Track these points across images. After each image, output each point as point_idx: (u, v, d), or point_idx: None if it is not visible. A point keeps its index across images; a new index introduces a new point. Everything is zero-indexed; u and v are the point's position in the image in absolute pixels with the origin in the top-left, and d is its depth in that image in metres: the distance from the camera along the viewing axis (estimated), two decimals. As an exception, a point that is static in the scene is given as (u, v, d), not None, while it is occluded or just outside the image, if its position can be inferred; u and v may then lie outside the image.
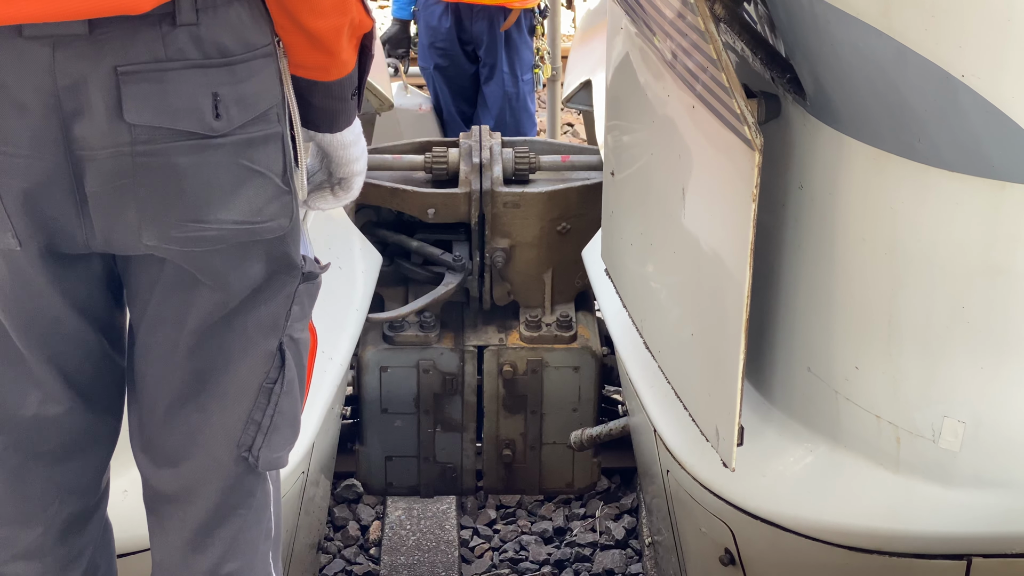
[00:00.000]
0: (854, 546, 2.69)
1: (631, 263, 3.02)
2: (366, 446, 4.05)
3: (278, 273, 2.22)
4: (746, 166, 2.34)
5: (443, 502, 4.71)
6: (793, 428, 2.73)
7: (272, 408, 2.26)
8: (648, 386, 3.10)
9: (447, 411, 4.00)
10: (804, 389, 2.68)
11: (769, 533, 2.78)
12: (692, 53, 2.41)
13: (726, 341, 2.53)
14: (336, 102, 2.24)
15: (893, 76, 2.20)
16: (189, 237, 2.10)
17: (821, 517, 2.70)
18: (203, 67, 2.01)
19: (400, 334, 3.91)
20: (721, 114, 2.39)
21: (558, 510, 4.75)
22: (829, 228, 2.48)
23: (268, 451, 2.29)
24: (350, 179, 2.37)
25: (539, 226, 3.95)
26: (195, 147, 2.03)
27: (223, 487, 2.29)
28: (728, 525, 2.87)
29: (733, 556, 2.92)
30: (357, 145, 2.34)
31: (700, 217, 2.58)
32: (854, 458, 2.65)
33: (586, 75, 4.39)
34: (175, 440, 2.28)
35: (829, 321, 2.56)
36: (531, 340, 3.97)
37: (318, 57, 2.16)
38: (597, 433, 3.84)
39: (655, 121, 2.76)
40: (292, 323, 2.26)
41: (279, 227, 2.17)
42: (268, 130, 2.10)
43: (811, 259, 2.55)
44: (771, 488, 2.75)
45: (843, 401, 2.60)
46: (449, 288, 3.87)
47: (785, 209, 2.58)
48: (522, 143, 4.09)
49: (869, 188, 2.38)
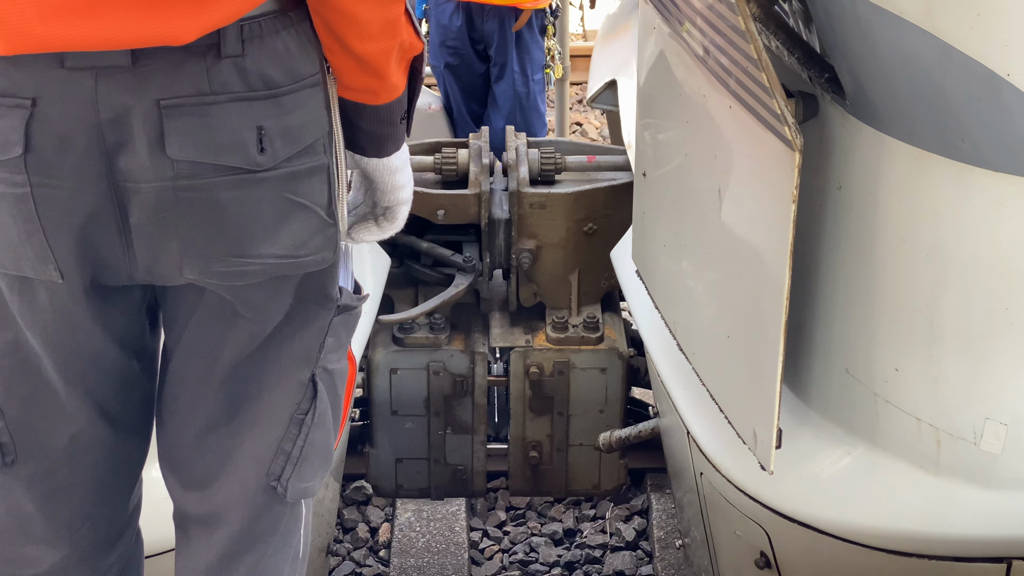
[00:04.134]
0: (892, 549, 2.67)
1: (664, 264, 3.00)
2: (376, 448, 4.04)
3: (312, 305, 2.19)
4: (786, 166, 2.32)
5: (452, 504, 4.68)
6: (830, 430, 2.71)
7: (303, 439, 2.24)
8: (681, 388, 3.07)
9: (457, 413, 3.98)
10: (842, 391, 2.66)
11: (806, 536, 2.76)
12: (730, 52, 2.39)
13: (764, 343, 2.51)
14: (385, 126, 2.20)
15: (937, 75, 2.18)
16: (231, 271, 2.07)
17: (859, 520, 2.68)
18: (248, 100, 1.96)
19: (410, 336, 3.90)
20: (760, 114, 2.37)
21: (568, 512, 4.73)
22: (869, 229, 2.46)
23: (297, 481, 2.26)
24: (395, 208, 2.32)
25: (565, 227, 3.92)
26: (239, 182, 1.99)
27: (250, 514, 2.27)
28: (764, 528, 2.84)
29: (768, 559, 2.90)
30: (404, 171, 2.30)
31: (737, 218, 2.56)
32: (893, 461, 2.63)
33: (611, 75, 4.37)
34: (205, 464, 2.26)
35: (868, 323, 2.54)
36: (558, 341, 3.95)
37: (367, 80, 2.11)
38: (626, 435, 3.82)
39: (690, 121, 2.74)
40: (326, 354, 2.24)
41: (323, 260, 2.14)
42: (314, 162, 2.06)
43: (850, 260, 2.53)
44: (808, 491, 2.72)
45: (882, 403, 2.58)
46: (459, 289, 3.85)
47: (823, 210, 2.56)
48: (547, 144, 4.07)
49: (910, 188, 2.36)
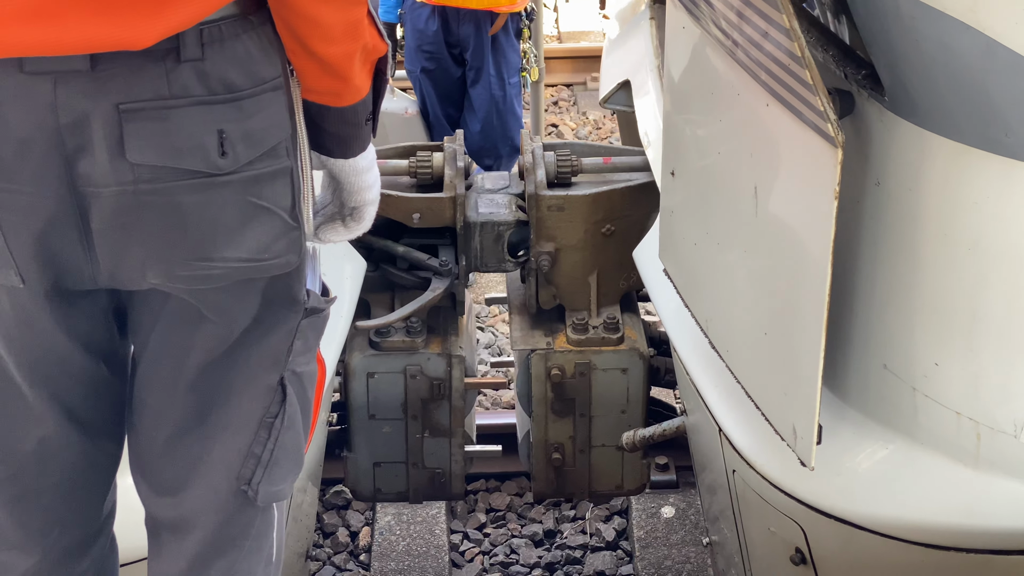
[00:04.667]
0: (932, 543, 2.67)
1: (695, 263, 3.00)
2: (354, 452, 4.03)
3: (279, 308, 2.20)
4: (828, 163, 2.32)
5: (432, 507, 4.72)
6: (868, 426, 2.72)
7: (273, 442, 2.25)
8: (712, 386, 3.08)
9: (435, 416, 3.98)
10: (880, 387, 2.67)
11: (843, 532, 2.77)
12: (769, 50, 2.40)
13: (803, 339, 2.52)
14: (350, 127, 2.20)
15: (980, 70, 2.19)
16: (195, 275, 2.07)
17: (898, 514, 2.69)
18: (209, 104, 1.97)
19: (387, 340, 3.90)
20: (799, 111, 2.38)
21: (548, 513, 4.76)
22: (908, 224, 2.47)
23: (268, 485, 2.27)
24: (362, 208, 2.33)
25: (584, 228, 3.93)
26: (200, 186, 1.99)
27: (221, 519, 2.28)
28: (800, 524, 2.85)
29: (804, 555, 2.91)
30: (371, 172, 2.30)
31: (775, 215, 2.57)
32: (932, 455, 2.64)
33: (624, 76, 4.38)
34: (174, 470, 2.26)
35: (907, 318, 2.55)
36: (578, 343, 3.96)
37: (331, 83, 2.12)
38: (650, 434, 3.83)
39: (723, 120, 2.74)
40: (295, 357, 2.24)
41: (288, 263, 2.15)
42: (277, 165, 2.06)
43: (888, 256, 2.54)
44: (846, 486, 2.73)
45: (921, 398, 2.59)
46: (436, 294, 3.85)
47: (860, 206, 2.57)
48: (563, 146, 4.08)
49: (951, 183, 2.37)
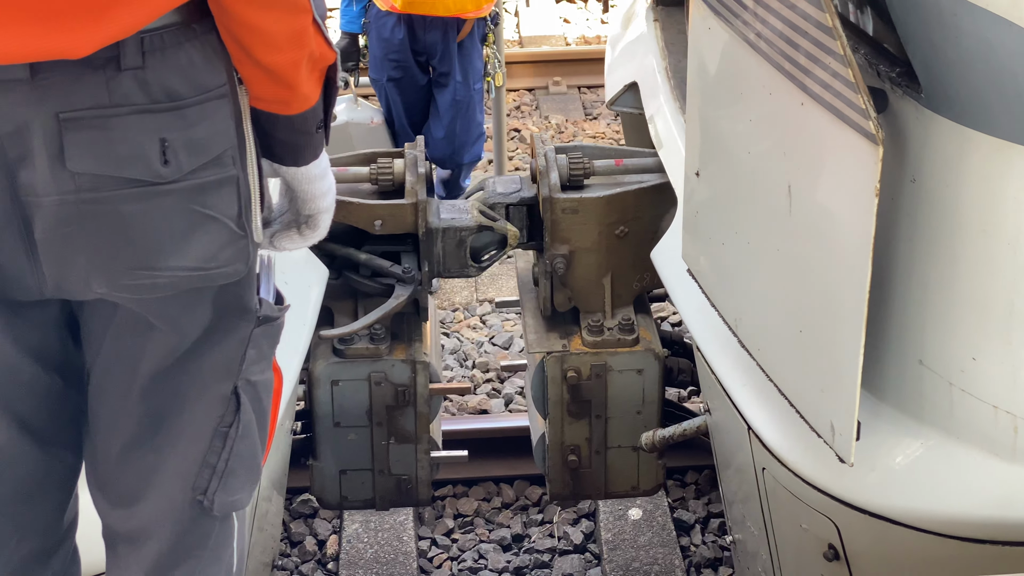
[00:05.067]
0: (967, 536, 2.70)
1: (723, 262, 3.02)
2: (320, 461, 4.00)
3: (230, 317, 2.19)
4: (868, 161, 2.35)
5: (400, 513, 4.71)
6: (902, 421, 2.74)
7: (228, 452, 2.25)
8: (740, 384, 3.10)
9: (400, 423, 3.96)
10: (915, 382, 2.69)
11: (877, 527, 2.78)
12: (806, 49, 2.42)
13: (842, 336, 2.54)
14: (300, 136, 2.20)
15: (1022, 66, 2.21)
16: (140, 285, 2.06)
17: (934, 508, 2.71)
18: (150, 112, 1.96)
19: (350, 347, 3.88)
20: (838, 109, 2.40)
21: (516, 517, 4.78)
22: (946, 220, 2.49)
23: (224, 494, 2.27)
24: (317, 216, 2.32)
25: (598, 231, 3.94)
26: (142, 194, 1.99)
27: (178, 530, 2.27)
28: (833, 520, 2.87)
29: (838, 551, 2.92)
30: (324, 180, 2.29)
31: (811, 213, 2.59)
32: (968, 449, 2.66)
33: (630, 78, 4.40)
34: (129, 481, 2.25)
35: (944, 313, 2.57)
36: (594, 345, 3.96)
37: (278, 91, 2.11)
38: (670, 434, 3.84)
39: (753, 120, 2.76)
40: (248, 366, 2.24)
41: (235, 272, 2.14)
42: (222, 174, 2.06)
43: (925, 252, 2.56)
44: (881, 481, 2.75)
45: (958, 392, 2.61)
46: (400, 301, 3.83)
47: (895, 203, 2.59)
48: (574, 148, 4.08)
49: (992, 179, 2.39)
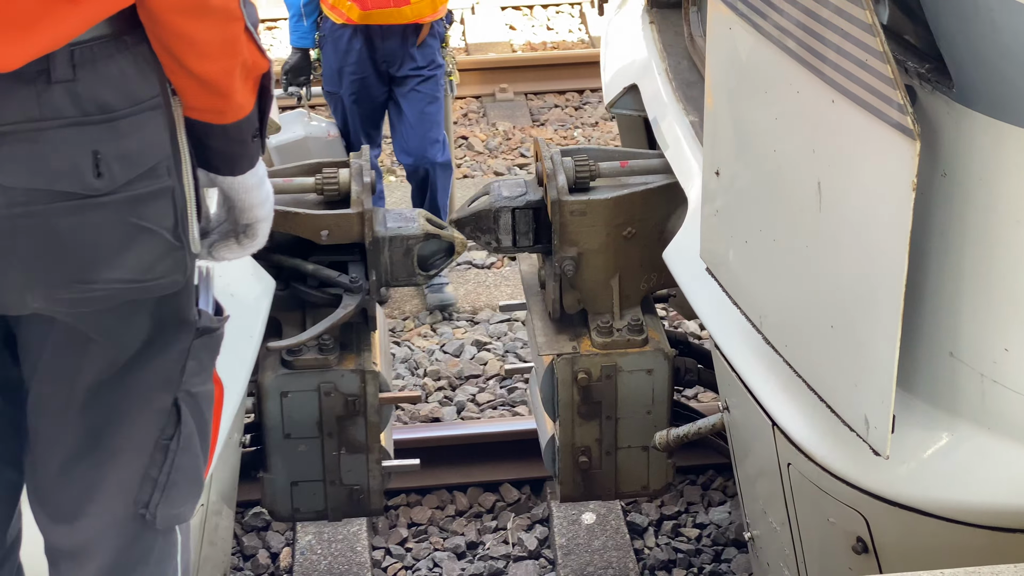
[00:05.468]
0: (999, 526, 2.73)
1: (746, 260, 3.04)
2: (270, 473, 4.01)
3: (169, 329, 2.19)
4: (905, 156, 2.37)
5: (353, 524, 4.73)
6: (932, 414, 2.77)
7: (169, 465, 2.24)
8: (763, 381, 3.12)
9: (351, 433, 3.97)
10: (946, 374, 2.71)
11: (907, 519, 2.81)
12: (839, 46, 2.45)
13: (876, 330, 2.56)
14: (235, 145, 2.20)
15: (1059, 60, 2.25)
16: (76, 298, 2.06)
17: (964, 499, 2.74)
18: (82, 125, 1.97)
19: (299, 358, 3.88)
20: (872, 106, 2.42)
21: (470, 524, 4.81)
22: (979, 212, 2.52)
23: (166, 507, 2.26)
24: (255, 225, 2.33)
25: (606, 232, 3.96)
26: (76, 208, 1.99)
27: (120, 545, 2.26)
28: (862, 514, 2.89)
29: (867, 544, 2.95)
30: (261, 189, 2.30)
31: (842, 209, 2.61)
32: (999, 439, 2.69)
33: (631, 80, 4.42)
34: (70, 496, 2.24)
35: (976, 305, 2.60)
36: (604, 346, 3.99)
37: (211, 100, 2.12)
38: (684, 433, 3.86)
39: (779, 118, 2.78)
40: (188, 378, 2.24)
41: (173, 283, 2.14)
42: (156, 185, 2.06)
43: (956, 244, 2.59)
44: (911, 474, 2.78)
45: (989, 383, 2.64)
46: (348, 311, 3.84)
47: (925, 197, 2.61)
48: (579, 151, 4.10)
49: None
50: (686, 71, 4.29)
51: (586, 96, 8.96)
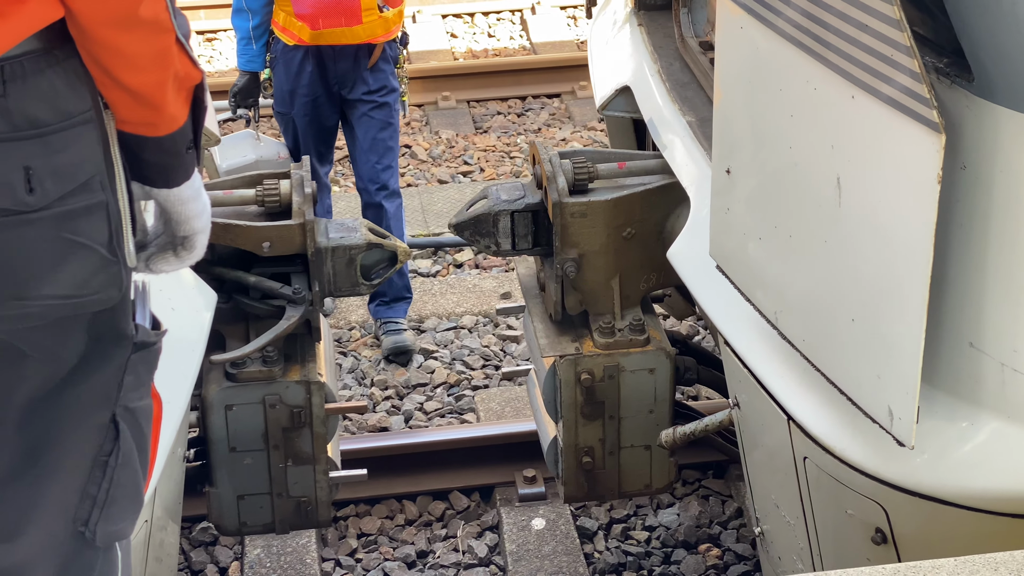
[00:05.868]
0: (1019, 513, 2.77)
1: (760, 257, 3.07)
2: (217, 487, 3.99)
3: (107, 344, 2.18)
4: (930, 149, 2.41)
5: (302, 536, 4.73)
6: (952, 404, 2.80)
7: (108, 481, 2.22)
8: (778, 376, 3.15)
9: (297, 444, 3.97)
10: (965, 364, 2.75)
11: (928, 508, 2.85)
12: (862, 42, 2.48)
13: (901, 321, 2.60)
14: (169, 157, 2.19)
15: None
16: (11, 315, 2.05)
17: (985, 487, 2.78)
18: (13, 140, 1.96)
19: (243, 371, 3.87)
20: (895, 100, 2.46)
21: (419, 533, 4.83)
22: (1000, 204, 2.56)
23: (106, 524, 2.24)
24: (193, 237, 2.32)
25: (606, 233, 3.99)
26: (8, 224, 1.98)
27: (60, 563, 2.23)
28: (882, 505, 2.93)
29: (886, 535, 2.98)
30: (197, 200, 2.28)
31: (864, 204, 2.64)
32: (1020, 427, 2.73)
33: (622, 82, 4.45)
34: (8, 515, 2.21)
35: (996, 294, 2.64)
36: (606, 346, 4.01)
37: (143, 113, 2.11)
38: (691, 430, 3.89)
39: (795, 115, 2.82)
40: (126, 393, 2.22)
41: (108, 298, 2.13)
42: (90, 200, 2.05)
43: (976, 235, 2.63)
44: (932, 463, 2.81)
45: (1010, 373, 2.68)
46: (291, 322, 3.83)
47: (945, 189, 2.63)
48: (577, 154, 4.12)
49: (1048, 162, 2.46)
50: (679, 72, 4.33)
51: (528, 103, 8.96)
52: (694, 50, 4.33)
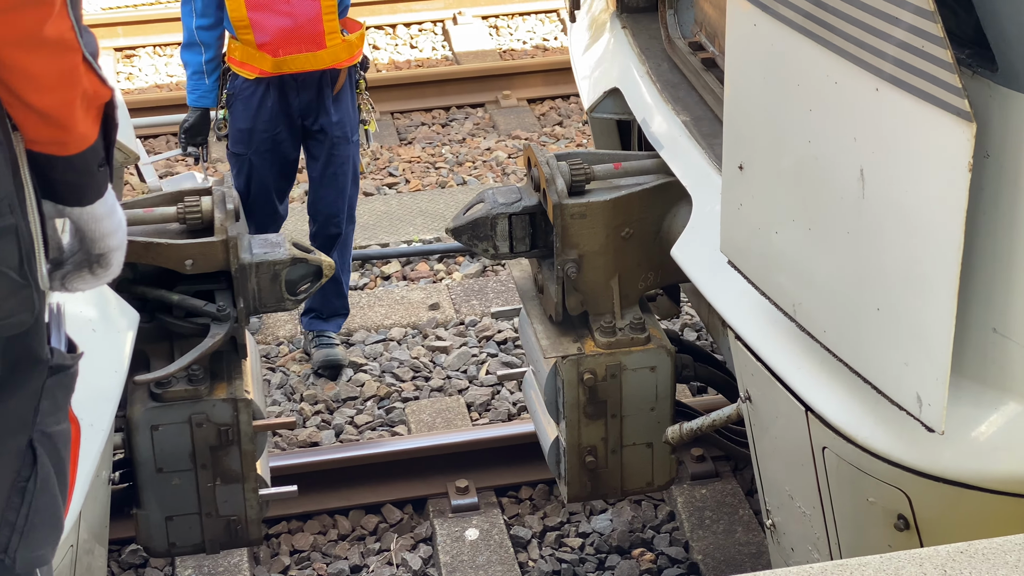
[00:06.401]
0: (1042, 495, 2.82)
1: (775, 251, 3.11)
2: (144, 508, 3.96)
3: (21, 369, 2.16)
4: (961, 139, 2.46)
5: (234, 555, 4.71)
6: (977, 389, 2.85)
7: (27, 507, 2.19)
8: (795, 368, 3.19)
9: (225, 463, 3.94)
10: (988, 349, 2.80)
11: (951, 493, 2.90)
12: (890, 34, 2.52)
13: (929, 308, 2.64)
14: (80, 175, 2.18)
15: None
16: None
17: (1011, 470, 2.83)
18: None
19: (168, 390, 3.85)
20: (923, 91, 2.51)
21: (353, 548, 4.83)
22: None
23: (26, 551, 2.21)
24: (108, 255, 2.30)
25: (605, 234, 4.02)
26: None
27: None
28: (904, 491, 2.97)
29: (908, 521, 3.03)
30: (111, 218, 2.28)
31: (889, 195, 2.69)
32: (1043, 410, 2.79)
33: (611, 84, 4.48)
34: None
35: (1021, 281, 2.69)
36: (608, 345, 4.04)
37: (52, 132, 2.10)
38: (698, 426, 3.92)
39: (814, 110, 2.86)
40: (43, 418, 2.20)
41: (21, 323, 2.11)
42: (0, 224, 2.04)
43: (1002, 223, 2.68)
44: (957, 448, 2.86)
45: (1034, 357, 2.74)
46: (216, 340, 3.83)
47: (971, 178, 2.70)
48: (574, 155, 4.15)
49: (1074, 149, 2.52)
50: (668, 73, 4.37)
51: (452, 113, 8.91)
52: (683, 51, 4.37)
